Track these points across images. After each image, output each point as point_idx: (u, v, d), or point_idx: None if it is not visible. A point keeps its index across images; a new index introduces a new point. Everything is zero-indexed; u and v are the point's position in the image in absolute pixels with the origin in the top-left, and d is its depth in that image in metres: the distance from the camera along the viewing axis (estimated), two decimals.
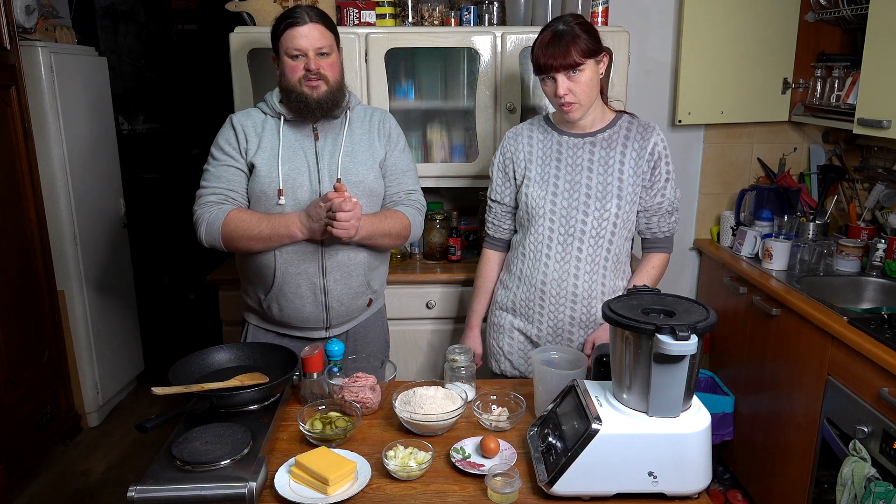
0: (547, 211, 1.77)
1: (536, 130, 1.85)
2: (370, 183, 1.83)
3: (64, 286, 3.05)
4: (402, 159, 1.93)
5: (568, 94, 1.66)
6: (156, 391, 1.44)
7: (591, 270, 1.77)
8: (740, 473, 2.66)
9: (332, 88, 1.76)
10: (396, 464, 1.30)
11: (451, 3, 2.69)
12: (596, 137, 1.78)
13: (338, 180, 1.77)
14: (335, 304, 1.85)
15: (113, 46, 5.00)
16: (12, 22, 2.68)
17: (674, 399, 1.21)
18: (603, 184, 1.74)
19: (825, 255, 2.48)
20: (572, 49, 1.62)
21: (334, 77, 1.76)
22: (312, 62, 1.71)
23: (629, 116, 1.81)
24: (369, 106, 1.98)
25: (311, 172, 1.80)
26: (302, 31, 1.70)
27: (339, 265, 1.82)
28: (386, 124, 1.91)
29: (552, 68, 1.64)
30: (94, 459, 3.00)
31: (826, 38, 2.80)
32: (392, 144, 1.91)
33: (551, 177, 1.78)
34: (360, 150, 1.84)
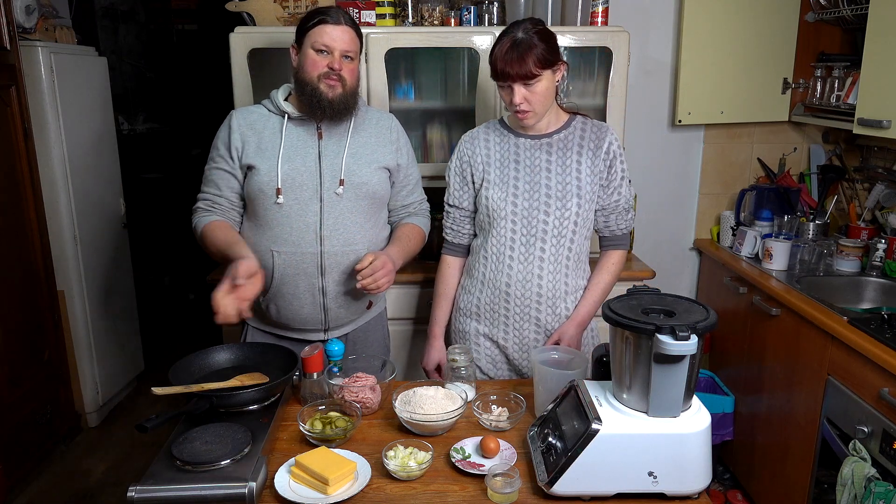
0: (508, 213, 1.77)
1: (493, 133, 1.85)
2: (373, 186, 1.81)
3: (64, 286, 3.05)
4: (414, 170, 1.95)
5: (523, 102, 1.67)
6: (156, 391, 1.44)
7: (555, 270, 1.78)
8: (740, 473, 2.66)
9: (347, 92, 1.75)
10: (396, 464, 1.30)
11: (451, 3, 2.69)
12: (552, 139, 1.79)
13: (340, 182, 1.77)
14: (334, 305, 1.84)
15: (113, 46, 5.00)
16: (12, 22, 2.68)
17: (674, 399, 1.21)
18: (562, 184, 1.76)
19: (825, 255, 2.48)
20: (530, 60, 1.62)
21: (352, 82, 1.76)
22: (337, 61, 1.71)
23: (582, 118, 1.83)
24: (374, 108, 1.97)
25: (312, 173, 1.78)
26: (335, 31, 1.70)
27: (337, 266, 1.80)
28: (394, 131, 1.90)
29: (509, 77, 1.65)
30: (94, 459, 3.00)
31: (826, 38, 2.80)
32: (403, 153, 1.91)
33: (511, 178, 1.78)
34: (365, 153, 1.82)
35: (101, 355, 3.26)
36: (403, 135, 1.93)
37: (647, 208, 2.97)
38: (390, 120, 1.92)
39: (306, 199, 1.77)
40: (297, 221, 1.76)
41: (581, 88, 2.63)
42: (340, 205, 1.78)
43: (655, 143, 2.93)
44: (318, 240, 1.77)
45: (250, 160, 1.77)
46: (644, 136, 2.91)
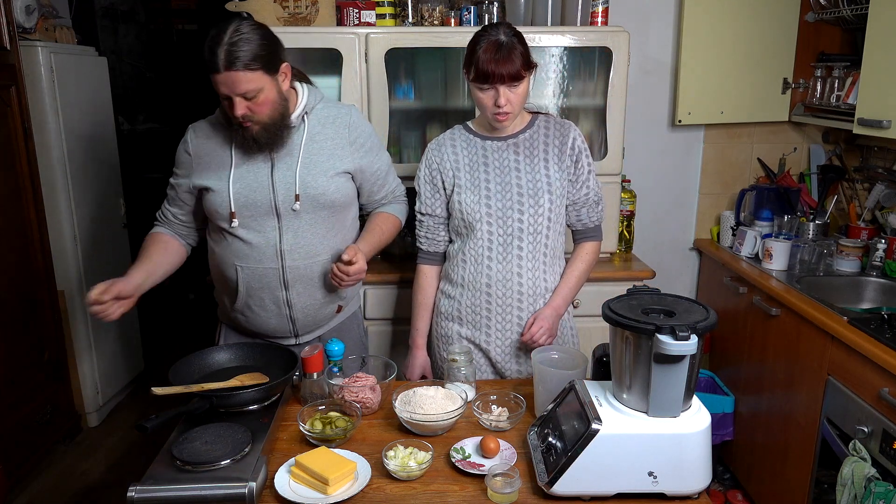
0: (483, 215, 1.78)
1: (459, 139, 1.85)
2: (331, 195, 1.74)
3: (64, 286, 3.05)
4: (380, 160, 1.87)
5: (507, 104, 1.68)
6: (156, 391, 1.44)
7: (533, 267, 1.80)
8: (740, 473, 2.66)
9: (267, 126, 1.63)
10: (396, 464, 1.30)
11: (451, 3, 2.69)
12: (518, 139, 1.81)
13: (296, 197, 1.69)
14: (300, 315, 1.81)
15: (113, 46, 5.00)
16: (12, 22, 2.68)
17: (674, 399, 1.21)
18: (533, 181, 1.77)
19: (825, 255, 2.48)
20: (518, 62, 1.64)
21: (267, 114, 1.62)
22: (237, 107, 1.57)
23: (544, 116, 1.85)
24: (331, 102, 1.82)
25: (265, 190, 1.70)
26: (220, 80, 1.55)
27: (301, 278, 1.76)
28: (354, 128, 1.79)
29: (496, 79, 1.64)
30: (94, 459, 3.00)
31: (826, 38, 2.80)
32: (365, 150, 1.81)
33: (482, 181, 1.79)
34: (321, 161, 1.73)
35: (101, 355, 3.26)
36: (362, 126, 1.82)
37: (647, 208, 2.97)
38: (348, 115, 1.79)
39: (262, 217, 1.71)
40: (255, 239, 1.72)
41: (581, 88, 2.63)
42: (299, 220, 1.73)
43: (655, 143, 2.93)
44: (279, 255, 1.73)
45: (203, 181, 1.72)
46: (644, 136, 2.91)
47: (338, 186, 1.76)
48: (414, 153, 2.69)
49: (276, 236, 1.72)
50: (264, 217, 1.71)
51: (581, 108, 2.64)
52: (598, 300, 1.71)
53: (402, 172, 2.60)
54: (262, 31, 1.58)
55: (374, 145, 1.85)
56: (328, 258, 1.77)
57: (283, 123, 1.67)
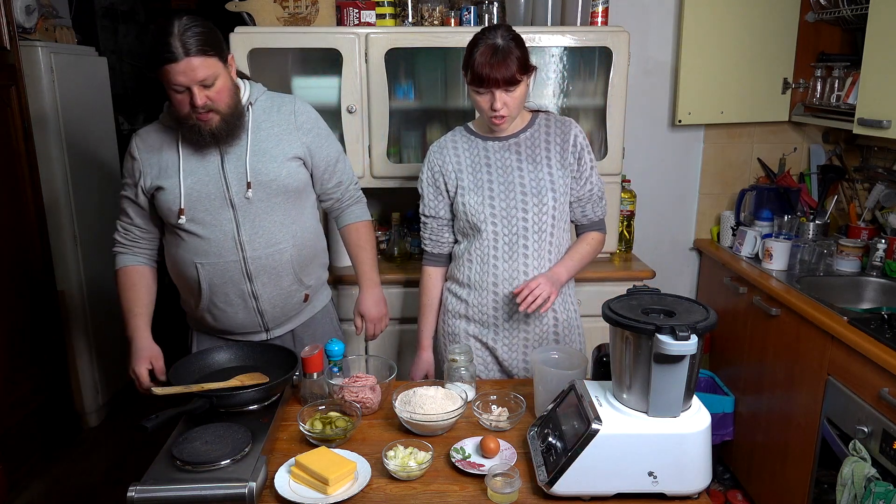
0: (487, 215, 1.78)
1: (460, 140, 1.86)
2: (283, 180, 1.73)
3: (64, 286, 3.05)
4: (329, 148, 1.85)
5: (503, 108, 1.68)
6: (156, 391, 1.44)
7: (539, 265, 1.80)
8: (740, 473, 2.66)
9: (226, 116, 1.64)
10: (396, 464, 1.30)
11: (451, 3, 2.69)
12: (519, 138, 1.81)
13: (247, 185, 1.69)
14: (268, 307, 1.80)
15: (113, 46, 5.00)
16: (12, 22, 2.68)
17: (674, 399, 1.21)
18: (536, 180, 1.78)
19: (825, 255, 2.48)
20: (513, 66, 1.64)
21: (225, 103, 1.62)
22: (198, 97, 1.56)
23: (544, 115, 1.85)
24: (274, 93, 1.82)
25: (217, 182, 1.69)
26: (179, 68, 1.53)
27: (264, 269, 1.75)
28: (300, 114, 1.78)
29: (492, 83, 1.64)
30: (94, 459, 3.00)
31: (826, 38, 2.80)
32: (313, 134, 1.80)
33: (485, 182, 1.79)
34: (269, 147, 1.73)
35: (101, 355, 3.26)
36: (308, 114, 1.81)
37: (647, 208, 2.97)
38: (292, 103, 1.79)
39: (216, 209, 1.70)
40: (213, 233, 1.71)
41: (581, 88, 2.63)
42: (254, 208, 1.72)
43: (655, 143, 2.93)
44: (239, 247, 1.72)
45: (156, 182, 1.70)
46: (644, 136, 2.91)
47: (289, 172, 1.75)
48: (414, 153, 2.69)
49: (233, 228, 1.71)
50: (219, 210, 1.70)
51: (581, 108, 2.65)
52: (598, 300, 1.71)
53: (402, 172, 2.62)
54: (204, 21, 1.59)
55: (321, 130, 1.83)
56: (289, 245, 1.77)
57: (238, 113, 1.68)
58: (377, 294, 1.94)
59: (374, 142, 2.56)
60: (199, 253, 1.73)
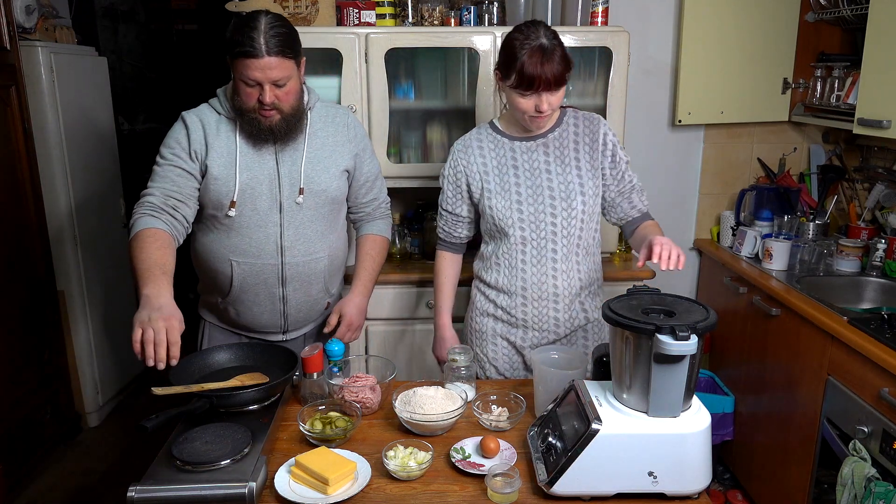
0: (515, 220, 1.75)
1: (486, 140, 1.81)
2: (332, 192, 1.77)
3: (64, 286, 3.05)
4: (372, 165, 1.89)
5: (548, 108, 1.64)
6: (156, 391, 1.44)
7: (567, 269, 1.78)
8: (740, 473, 2.66)
9: (287, 116, 1.66)
10: (396, 464, 1.30)
11: (451, 3, 2.69)
12: (547, 138, 1.77)
13: (300, 191, 1.70)
14: (293, 311, 1.82)
15: (113, 46, 5.00)
16: (12, 22, 2.68)
17: (674, 399, 1.21)
18: (564, 183, 1.74)
19: (825, 255, 2.48)
20: (561, 66, 1.61)
21: (290, 104, 1.65)
22: (268, 95, 1.59)
23: (572, 111, 1.82)
24: (328, 102, 1.85)
25: (271, 181, 1.70)
26: (258, 64, 1.55)
27: (298, 276, 1.76)
28: (352, 128, 1.83)
29: (543, 85, 1.60)
30: (94, 459, 3.00)
31: (826, 38, 2.80)
32: (361, 149, 1.84)
33: (512, 185, 1.76)
34: (324, 157, 1.75)
35: (101, 355, 3.26)
36: (359, 128, 1.86)
37: None
38: (346, 115, 1.84)
39: (265, 209, 1.71)
40: (256, 233, 1.71)
41: (581, 88, 2.63)
42: (301, 214, 1.73)
43: (655, 143, 2.93)
44: (279, 251, 1.73)
45: (208, 159, 1.67)
46: (644, 136, 2.91)
47: (339, 185, 1.78)
48: (414, 153, 2.70)
49: (276, 231, 1.72)
50: (267, 211, 1.71)
51: (581, 107, 2.62)
52: None
53: (402, 172, 2.62)
54: (287, 22, 1.63)
55: (367, 146, 1.88)
56: (325, 255, 1.79)
57: (300, 115, 1.70)
58: (363, 303, 1.91)
59: (374, 142, 2.55)
60: (236, 250, 1.73)
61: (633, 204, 1.80)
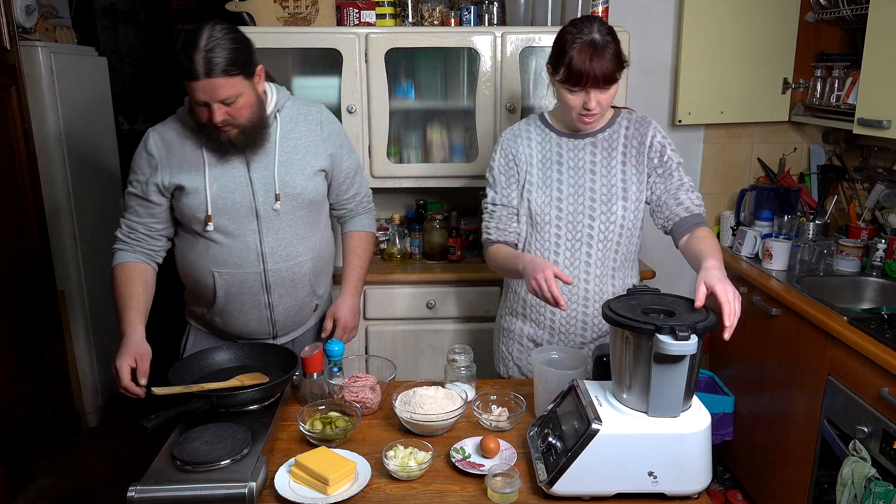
0: (553, 217, 1.70)
1: (534, 132, 1.76)
2: (310, 194, 1.72)
3: (64, 286, 3.05)
4: (351, 161, 1.84)
5: (597, 106, 1.59)
6: (156, 391, 1.44)
7: (601, 274, 1.73)
8: (740, 473, 2.66)
9: (245, 128, 1.59)
10: (396, 464, 1.30)
11: (451, 3, 2.69)
12: (596, 138, 1.72)
13: (276, 197, 1.66)
14: (281, 317, 1.79)
15: (113, 46, 5.00)
16: (12, 22, 2.68)
17: (674, 399, 1.21)
18: (607, 186, 1.69)
19: (825, 255, 2.48)
20: (612, 63, 1.54)
21: (246, 118, 1.58)
22: (216, 115, 1.53)
23: (626, 112, 1.77)
24: (299, 100, 1.77)
25: (244, 190, 1.65)
26: (199, 86, 1.48)
27: (282, 281, 1.73)
28: (326, 126, 1.76)
29: (592, 82, 1.54)
30: (94, 459, 2.99)
31: (826, 38, 2.80)
32: (337, 146, 1.78)
33: (554, 181, 1.71)
34: (297, 158, 1.69)
35: (101, 355, 3.26)
36: (333, 125, 1.79)
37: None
38: (319, 113, 1.76)
39: (242, 218, 1.66)
40: (235, 242, 1.67)
41: None
42: (279, 220, 1.69)
43: None
44: (261, 259, 1.69)
45: (175, 181, 1.64)
46: None
47: (315, 185, 1.74)
48: (414, 153, 2.70)
49: (256, 239, 1.68)
50: (244, 220, 1.67)
51: None
52: None
53: (402, 172, 2.62)
54: (237, 34, 1.54)
55: (344, 142, 1.82)
56: (308, 258, 1.76)
57: (261, 125, 1.63)
58: (355, 303, 1.90)
59: (374, 142, 2.56)
60: (217, 262, 1.69)
61: (680, 201, 1.67)
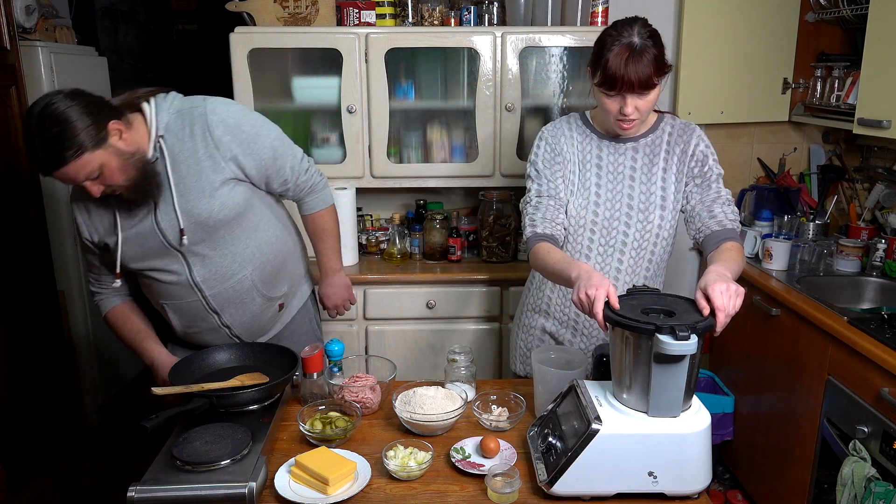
0: (588, 222, 1.64)
1: (575, 131, 1.68)
2: (218, 213, 1.58)
3: (64, 286, 3.05)
4: (258, 150, 1.61)
5: (634, 112, 1.53)
6: (156, 391, 1.44)
7: (630, 281, 1.69)
8: (740, 473, 2.66)
9: (128, 186, 1.49)
10: (396, 464, 1.30)
11: (451, 3, 2.69)
12: (638, 143, 1.66)
13: (181, 233, 1.56)
14: (242, 330, 1.76)
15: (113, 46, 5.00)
16: (12, 22, 2.68)
17: (674, 399, 1.21)
18: (646, 194, 1.64)
19: (825, 255, 2.48)
20: (650, 68, 1.48)
21: (121, 180, 1.48)
22: (92, 191, 1.47)
23: (670, 117, 1.71)
24: (184, 105, 1.58)
25: (154, 234, 1.58)
26: (56, 177, 1.43)
27: (228, 301, 1.69)
28: (215, 130, 1.55)
29: (627, 86, 1.48)
30: (94, 459, 3.00)
31: (826, 38, 2.80)
32: (235, 145, 1.58)
33: (592, 185, 1.64)
34: (193, 182, 1.56)
35: (101, 355, 3.26)
36: (222, 124, 1.56)
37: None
38: (203, 117, 1.55)
39: (163, 258, 1.62)
40: (167, 277, 1.64)
41: (581, 88, 2.63)
42: (199, 248, 1.61)
43: None
44: (196, 289, 1.65)
45: (103, 240, 1.62)
46: None
47: (223, 202, 1.58)
48: (414, 153, 2.70)
49: (185, 271, 1.63)
50: (165, 258, 1.61)
51: (581, 107, 2.64)
52: None
53: (402, 172, 2.62)
54: (77, 105, 1.41)
55: (244, 135, 1.59)
56: (249, 272, 1.69)
57: (144, 175, 1.51)
58: (336, 280, 1.88)
59: (374, 142, 2.56)
60: (162, 295, 1.69)
61: (714, 214, 1.60)
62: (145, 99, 1.57)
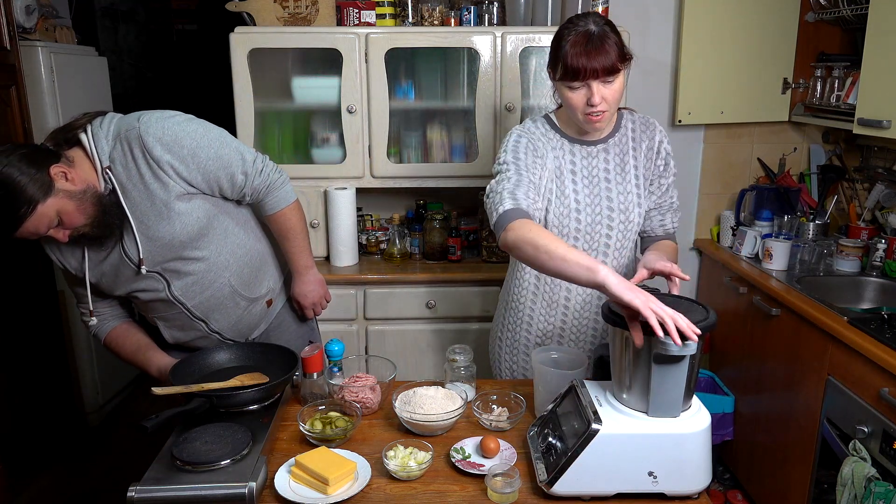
0: (571, 230, 1.62)
1: (546, 135, 1.64)
2: (179, 233, 1.56)
3: (64, 286, 3.04)
4: (200, 163, 1.54)
5: (602, 102, 1.48)
6: (156, 391, 1.44)
7: None
8: (740, 473, 2.66)
9: (90, 222, 1.48)
10: (396, 464, 1.30)
11: (451, 3, 2.69)
12: (608, 144, 1.64)
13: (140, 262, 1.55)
14: (232, 333, 1.78)
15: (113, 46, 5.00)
16: (12, 22, 2.68)
17: (674, 399, 1.21)
18: (623, 194, 1.63)
19: (825, 255, 2.48)
20: (612, 53, 1.44)
21: (78, 224, 1.46)
22: (58, 237, 1.47)
23: (628, 113, 1.69)
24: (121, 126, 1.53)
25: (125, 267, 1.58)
26: (19, 236, 1.42)
27: (212, 309, 1.70)
28: (153, 150, 1.49)
29: (589, 73, 1.44)
30: (95, 459, 3.00)
31: (826, 38, 2.80)
32: (177, 162, 1.51)
33: (570, 192, 1.61)
34: (148, 207, 1.52)
35: (101, 355, 3.26)
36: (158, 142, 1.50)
37: None
38: (138, 139, 1.49)
39: (140, 282, 1.62)
40: (149, 296, 1.65)
41: None
42: (170, 266, 1.61)
43: None
44: (177, 303, 1.66)
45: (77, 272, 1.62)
46: None
47: (183, 221, 1.55)
48: (414, 153, 2.70)
49: (163, 288, 1.64)
50: (142, 280, 1.61)
51: None
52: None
53: (402, 172, 2.62)
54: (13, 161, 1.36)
55: (182, 150, 1.52)
56: (227, 278, 1.68)
57: (102, 213, 1.49)
58: (309, 278, 1.85)
59: (374, 142, 2.56)
60: (149, 310, 1.72)
61: (664, 223, 1.69)
62: (81, 129, 1.51)
